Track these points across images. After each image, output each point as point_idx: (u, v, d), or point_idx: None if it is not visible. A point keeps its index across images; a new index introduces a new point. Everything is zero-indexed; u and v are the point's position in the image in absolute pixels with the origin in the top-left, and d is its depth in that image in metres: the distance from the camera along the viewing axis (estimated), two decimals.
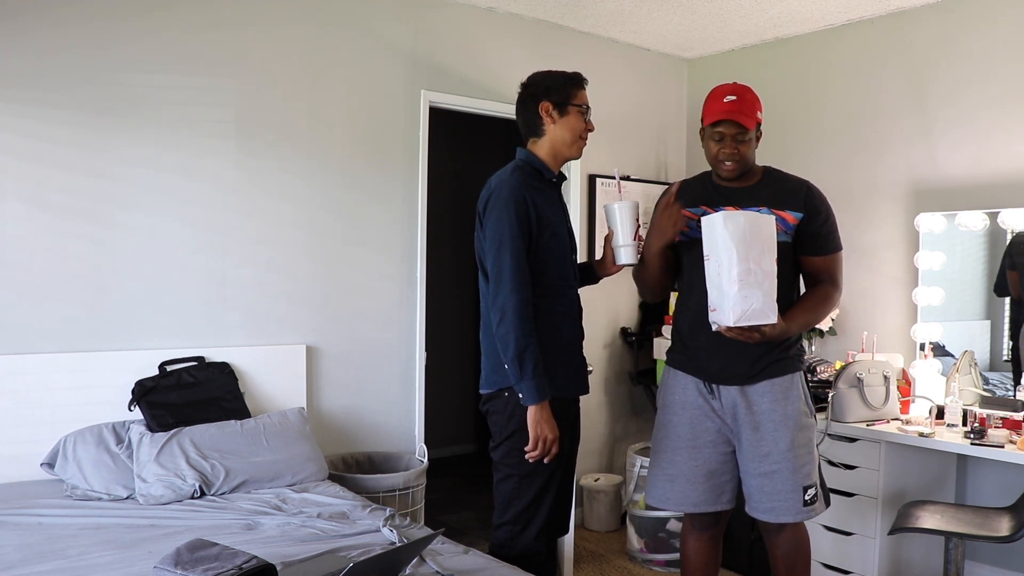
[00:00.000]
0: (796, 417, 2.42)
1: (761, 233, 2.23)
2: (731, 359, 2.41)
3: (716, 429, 2.48)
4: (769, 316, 2.21)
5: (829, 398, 3.27)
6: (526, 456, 2.32)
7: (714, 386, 2.46)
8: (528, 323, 2.26)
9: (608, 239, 2.58)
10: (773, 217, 2.32)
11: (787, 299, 2.42)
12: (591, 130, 2.48)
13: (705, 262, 2.30)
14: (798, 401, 2.43)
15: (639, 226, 2.51)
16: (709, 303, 2.30)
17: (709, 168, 2.55)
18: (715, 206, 2.42)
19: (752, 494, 2.47)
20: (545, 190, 2.43)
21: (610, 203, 2.51)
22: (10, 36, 2.77)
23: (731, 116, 2.37)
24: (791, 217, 2.41)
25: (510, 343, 2.24)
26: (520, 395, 2.29)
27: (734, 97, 2.39)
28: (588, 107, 2.46)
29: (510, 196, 2.30)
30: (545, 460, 2.32)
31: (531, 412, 2.28)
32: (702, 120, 2.45)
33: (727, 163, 2.42)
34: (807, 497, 2.41)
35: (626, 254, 2.51)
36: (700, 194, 2.51)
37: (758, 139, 2.46)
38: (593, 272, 2.67)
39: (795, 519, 2.43)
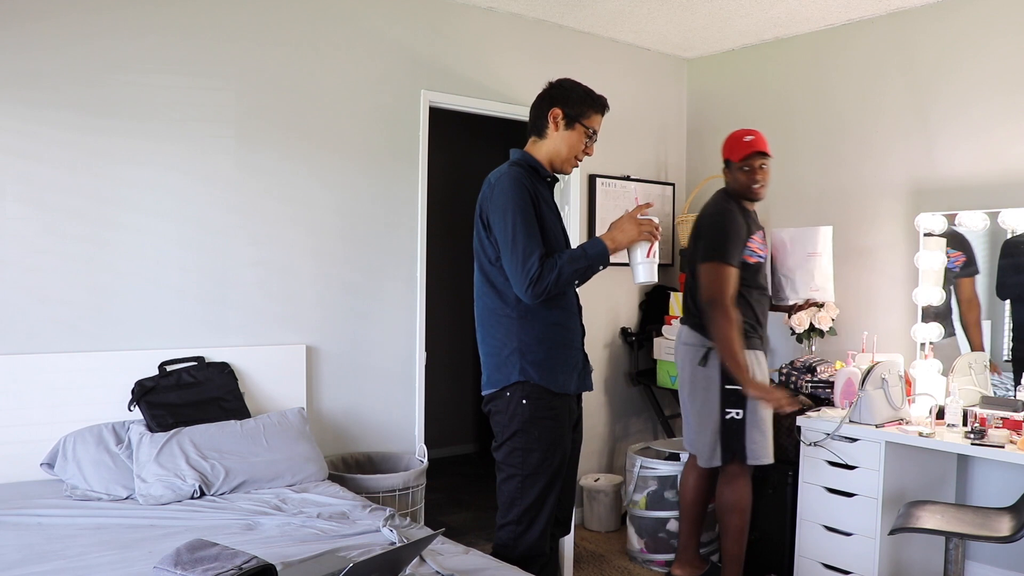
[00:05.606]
0: None
1: None
2: None
3: None
4: None
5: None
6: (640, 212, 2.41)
7: None
8: (554, 261, 2.30)
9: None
10: None
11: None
12: (589, 154, 2.50)
13: None
14: None
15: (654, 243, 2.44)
16: None
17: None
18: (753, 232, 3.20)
19: None
20: (540, 188, 2.44)
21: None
22: (10, 36, 2.77)
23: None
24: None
25: (563, 275, 2.29)
26: (599, 256, 2.35)
27: (751, 138, 3.16)
28: (596, 133, 2.48)
29: (514, 183, 2.33)
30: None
31: (607, 240, 2.39)
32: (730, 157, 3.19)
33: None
34: None
35: (644, 271, 2.43)
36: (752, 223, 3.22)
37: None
38: None
39: None
